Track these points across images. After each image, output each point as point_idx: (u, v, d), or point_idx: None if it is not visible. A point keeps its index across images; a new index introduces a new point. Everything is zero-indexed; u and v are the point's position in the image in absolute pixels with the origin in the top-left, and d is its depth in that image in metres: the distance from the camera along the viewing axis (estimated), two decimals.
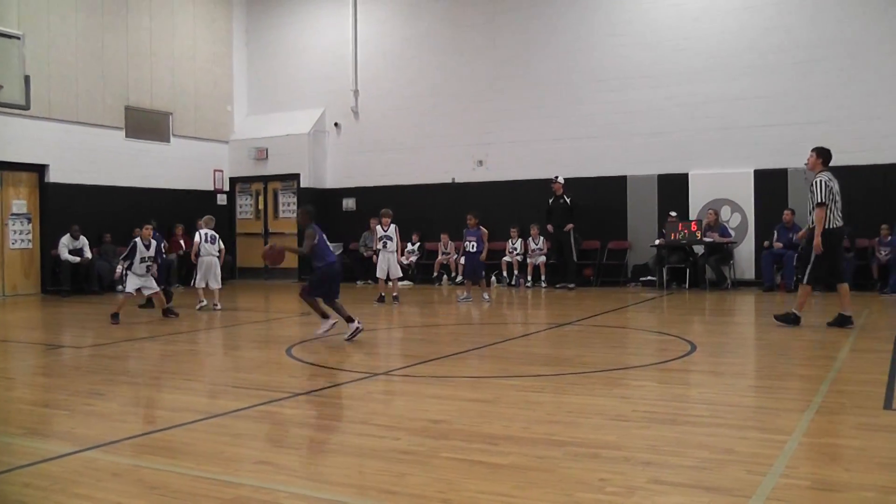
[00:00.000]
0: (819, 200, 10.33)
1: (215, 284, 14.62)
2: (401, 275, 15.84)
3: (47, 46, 18.51)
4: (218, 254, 14.75)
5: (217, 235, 14.88)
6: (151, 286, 12.89)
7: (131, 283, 12.72)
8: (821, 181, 10.41)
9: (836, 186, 10.47)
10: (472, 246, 15.44)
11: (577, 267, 18.50)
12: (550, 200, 18.64)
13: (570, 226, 18.26)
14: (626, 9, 19.05)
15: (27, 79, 16.26)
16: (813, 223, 10.50)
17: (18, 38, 16.38)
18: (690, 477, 4.56)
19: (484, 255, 15.46)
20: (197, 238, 14.70)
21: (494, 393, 6.93)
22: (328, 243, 10.61)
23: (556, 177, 18.68)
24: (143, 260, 12.69)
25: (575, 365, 8.39)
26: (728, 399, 6.75)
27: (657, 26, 18.71)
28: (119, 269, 13.43)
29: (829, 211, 10.35)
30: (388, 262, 15.45)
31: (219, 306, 14.49)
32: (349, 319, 10.16)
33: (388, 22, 21.88)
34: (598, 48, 19.24)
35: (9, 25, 17.18)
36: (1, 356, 9.54)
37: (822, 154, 10.67)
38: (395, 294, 15.49)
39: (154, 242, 12.88)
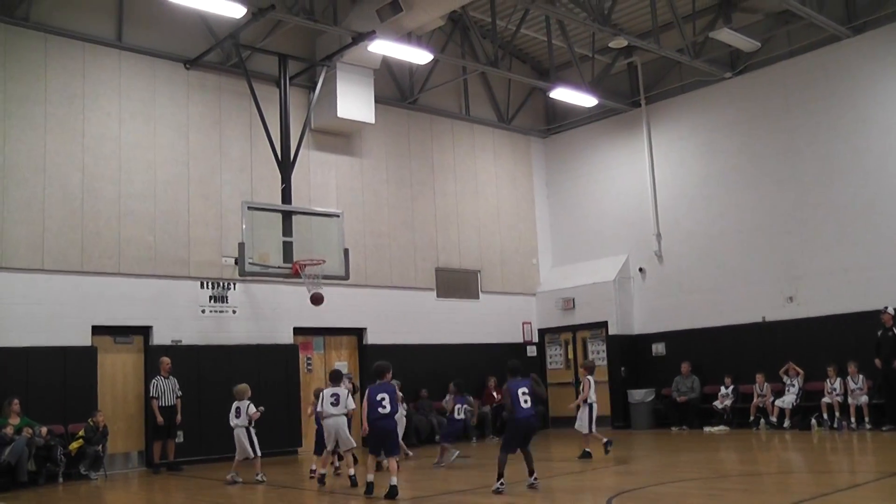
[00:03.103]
0: None
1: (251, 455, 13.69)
2: None
3: (362, 220, 20.21)
4: (245, 424, 13.69)
5: (243, 406, 13.74)
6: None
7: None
8: None
9: None
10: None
11: None
12: (879, 333, 17.13)
13: None
14: None
15: (346, 252, 17.90)
16: None
17: (338, 216, 18.18)
18: None
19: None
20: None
21: None
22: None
23: (886, 307, 17.15)
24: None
25: None
26: None
27: None
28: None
29: None
30: None
31: (259, 476, 13.51)
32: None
33: (684, 162, 21.74)
34: None
35: (329, 206, 19.03)
36: None
37: None
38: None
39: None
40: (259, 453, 13.67)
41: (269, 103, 18.12)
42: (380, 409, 10.96)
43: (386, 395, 11.00)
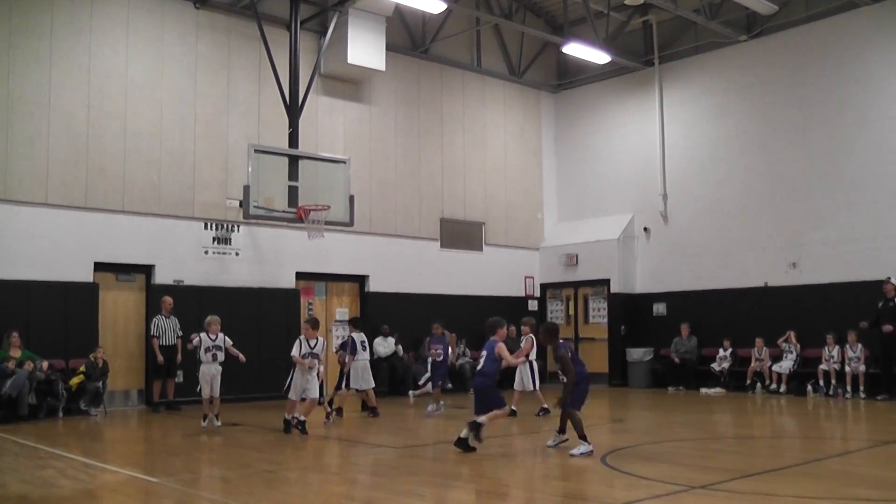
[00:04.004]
0: None
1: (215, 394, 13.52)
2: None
3: (369, 168, 20.14)
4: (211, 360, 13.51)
5: (211, 344, 13.54)
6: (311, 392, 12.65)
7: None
8: None
9: None
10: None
11: None
12: (880, 304, 17.12)
13: (889, 328, 16.64)
14: None
15: (351, 199, 17.85)
16: None
17: (344, 163, 18.09)
18: None
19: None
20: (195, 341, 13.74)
21: None
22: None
23: (889, 278, 17.13)
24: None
25: None
26: None
27: None
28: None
29: None
30: None
31: (217, 422, 13.57)
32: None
33: (695, 124, 21.56)
34: None
35: (336, 152, 18.93)
36: (324, 454, 10.21)
37: None
38: None
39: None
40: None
41: (279, 47, 17.94)
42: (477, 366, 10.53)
43: (485, 352, 10.37)
